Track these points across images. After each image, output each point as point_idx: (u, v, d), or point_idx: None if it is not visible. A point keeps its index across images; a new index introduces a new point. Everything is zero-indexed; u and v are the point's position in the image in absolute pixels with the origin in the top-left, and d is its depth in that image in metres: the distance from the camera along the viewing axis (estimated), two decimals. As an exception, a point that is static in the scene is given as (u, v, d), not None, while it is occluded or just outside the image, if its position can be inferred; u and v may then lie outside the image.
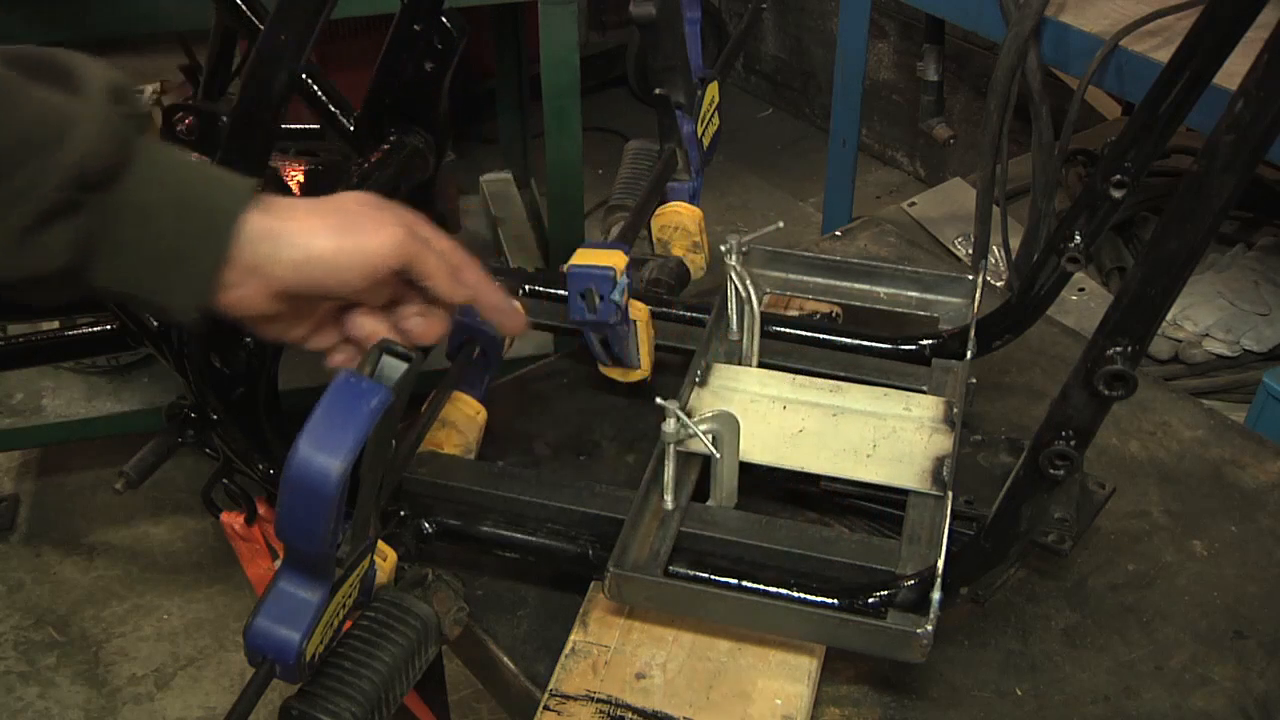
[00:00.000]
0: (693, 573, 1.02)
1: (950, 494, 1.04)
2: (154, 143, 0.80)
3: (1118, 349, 0.80)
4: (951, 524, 1.00)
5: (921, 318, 1.31)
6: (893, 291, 1.32)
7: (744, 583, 1.01)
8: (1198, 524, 1.19)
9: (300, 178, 1.63)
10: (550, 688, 0.99)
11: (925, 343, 1.26)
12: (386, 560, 0.99)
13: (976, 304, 1.25)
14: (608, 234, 1.36)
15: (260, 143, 1.06)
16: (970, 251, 2.33)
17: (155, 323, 1.18)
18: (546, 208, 2.59)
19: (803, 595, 0.99)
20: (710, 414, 1.04)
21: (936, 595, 0.92)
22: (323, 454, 0.74)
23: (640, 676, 1.00)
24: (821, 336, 1.29)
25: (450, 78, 1.35)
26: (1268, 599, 1.11)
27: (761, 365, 1.25)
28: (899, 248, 1.62)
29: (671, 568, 1.02)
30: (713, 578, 1.02)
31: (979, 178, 2.18)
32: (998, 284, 2.10)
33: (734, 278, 1.23)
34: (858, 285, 1.33)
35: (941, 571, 0.93)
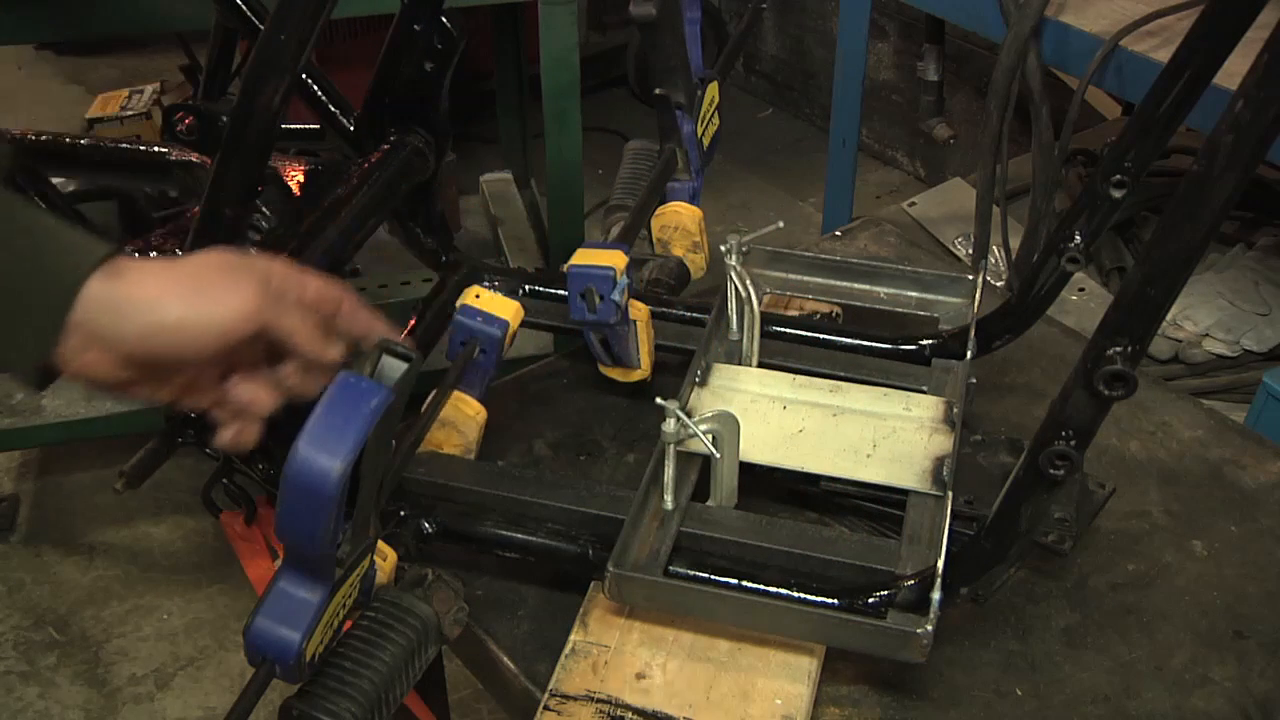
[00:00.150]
0: (693, 573, 1.02)
1: (950, 494, 1.04)
2: (7, 200, 0.79)
3: (1118, 349, 0.80)
4: (951, 524, 1.00)
5: (921, 318, 1.31)
6: (893, 291, 1.32)
7: (744, 583, 1.01)
8: (1198, 524, 1.19)
9: (300, 178, 1.62)
10: (550, 688, 0.99)
11: (925, 343, 1.26)
12: (386, 560, 0.99)
13: (976, 304, 1.25)
14: (608, 234, 1.36)
15: (260, 143, 1.06)
16: (970, 251, 2.33)
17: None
18: (546, 208, 2.59)
19: (803, 595, 0.99)
20: (710, 414, 1.04)
21: (936, 595, 0.92)
22: (323, 454, 0.74)
23: (640, 676, 0.99)
24: (821, 336, 1.29)
25: (450, 78, 1.35)
26: (1268, 599, 1.11)
27: (761, 365, 1.25)
28: (899, 248, 1.62)
29: (671, 568, 1.02)
30: (713, 578, 1.02)
31: (979, 178, 2.18)
32: (998, 284, 2.10)
33: (734, 278, 1.23)
34: (858, 285, 1.33)
35: (941, 571, 0.93)
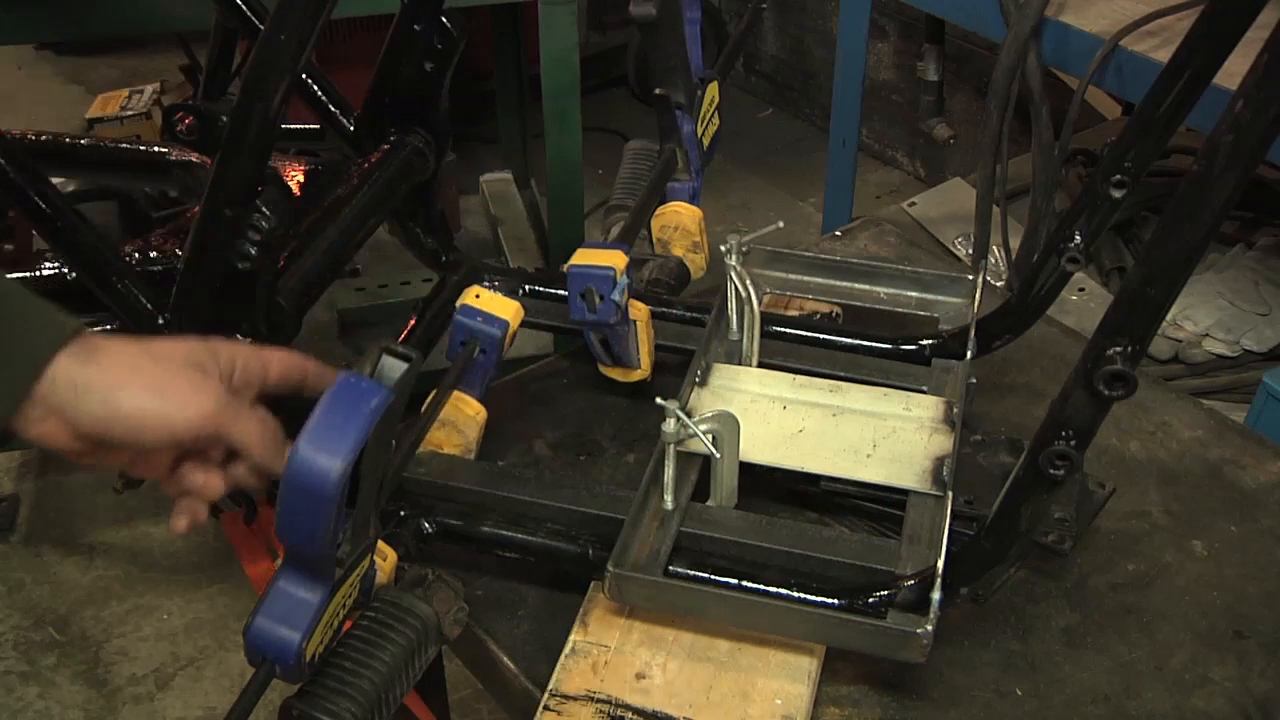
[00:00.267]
0: (693, 573, 1.02)
1: (950, 494, 1.04)
2: None
3: (1118, 349, 0.80)
4: (951, 524, 1.00)
5: (921, 318, 1.31)
6: (893, 291, 1.32)
7: (744, 583, 1.01)
8: (1198, 524, 1.19)
9: (300, 178, 1.62)
10: (550, 688, 0.99)
11: (925, 343, 1.26)
12: (386, 560, 0.99)
13: (976, 304, 1.24)
14: (608, 234, 1.36)
15: (260, 143, 1.06)
16: (970, 251, 2.33)
17: (160, 320, 1.18)
18: (546, 208, 2.59)
19: (803, 595, 0.99)
20: (710, 414, 1.04)
21: (936, 595, 0.92)
22: (323, 454, 0.74)
23: (640, 676, 0.99)
24: (821, 336, 1.29)
25: (450, 78, 1.35)
26: (1268, 599, 1.11)
27: (761, 365, 1.25)
28: (899, 248, 1.62)
29: (671, 568, 1.02)
30: (713, 578, 1.02)
31: (979, 178, 2.18)
32: (998, 284, 2.10)
33: (734, 278, 1.23)
34: (858, 285, 1.33)
35: (941, 571, 0.93)
